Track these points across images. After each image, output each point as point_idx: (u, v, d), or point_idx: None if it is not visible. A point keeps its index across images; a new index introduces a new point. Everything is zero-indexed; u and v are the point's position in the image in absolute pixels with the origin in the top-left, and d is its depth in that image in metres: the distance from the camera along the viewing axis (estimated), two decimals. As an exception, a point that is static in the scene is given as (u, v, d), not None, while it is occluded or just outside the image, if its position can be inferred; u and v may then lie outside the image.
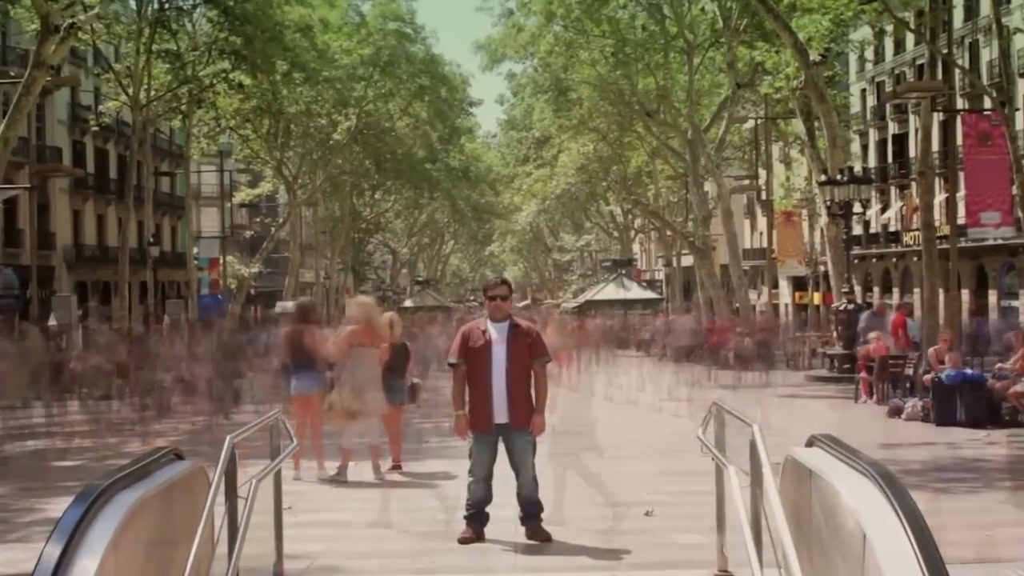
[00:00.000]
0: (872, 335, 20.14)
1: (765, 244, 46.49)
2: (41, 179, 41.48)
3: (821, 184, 26.91)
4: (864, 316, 23.06)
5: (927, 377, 16.80)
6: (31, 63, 22.43)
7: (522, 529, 8.23)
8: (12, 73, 34.80)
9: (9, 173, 36.90)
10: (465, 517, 8.26)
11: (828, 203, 26.37)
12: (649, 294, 54.92)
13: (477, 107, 77.24)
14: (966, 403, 15.90)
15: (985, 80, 39.71)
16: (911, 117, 47.85)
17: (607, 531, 8.50)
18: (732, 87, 34.73)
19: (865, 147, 55.48)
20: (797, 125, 35.22)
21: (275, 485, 7.09)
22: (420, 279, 74.80)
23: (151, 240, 40.61)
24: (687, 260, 51.14)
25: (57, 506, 7.82)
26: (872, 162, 53.54)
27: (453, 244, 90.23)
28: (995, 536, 8.33)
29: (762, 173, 44.29)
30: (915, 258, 42.16)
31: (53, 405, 20.72)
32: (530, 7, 38.55)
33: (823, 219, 32.31)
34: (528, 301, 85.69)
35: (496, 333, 8.21)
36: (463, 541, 8.10)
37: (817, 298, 51.61)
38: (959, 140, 27.79)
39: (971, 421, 15.63)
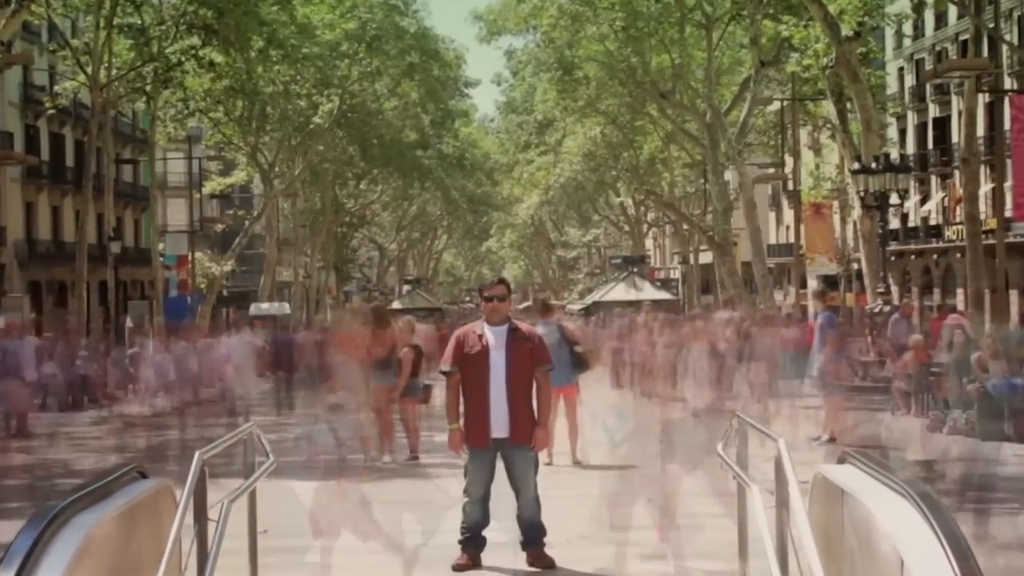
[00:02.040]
0: (915, 338, 20.15)
1: (792, 239, 46.49)
2: (-10, 167, 41.48)
3: (854, 173, 26.92)
4: (892, 321, 23.06)
5: (971, 387, 16.80)
6: (-21, 39, 22.43)
7: (523, 555, 8.24)
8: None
9: (-45, 161, 36.96)
10: (460, 541, 8.26)
11: (862, 194, 26.38)
12: (664, 294, 54.86)
13: (473, 88, 77.17)
14: (1015, 416, 15.89)
15: (1035, 57, 39.69)
16: (954, 98, 47.82)
17: (617, 557, 8.51)
18: (755, 65, 34.73)
19: (903, 132, 55.49)
20: (827, 107, 35.21)
21: (250, 506, 7.09)
22: (410, 278, 74.79)
23: (112, 235, 40.58)
24: (705, 257, 51.13)
25: (7, 530, 7.80)
26: (910, 148, 53.55)
27: (446, 239, 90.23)
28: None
29: (788, 161, 44.27)
30: (958, 255, 42.17)
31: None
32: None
33: (856, 212, 32.32)
34: (529, 303, 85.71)
35: (494, 338, 8.21)
36: (457, 568, 8.10)
37: (850, 299, 51.57)
38: (1007, 124, 27.81)
39: (1020, 435, 15.62)
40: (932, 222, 51.88)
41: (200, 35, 36.95)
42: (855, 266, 45.43)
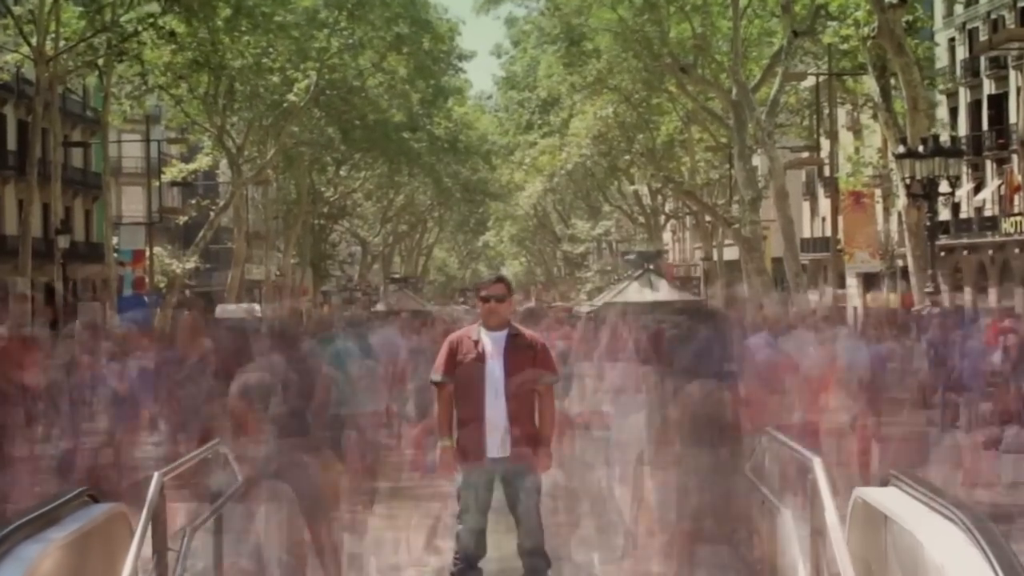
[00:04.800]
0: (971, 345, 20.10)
1: (829, 232, 46.52)
2: (-78, 151, 41.49)
3: (898, 157, 26.94)
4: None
5: (1031, 399, 16.79)
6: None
7: (524, 589, 8.25)
8: None
9: None
10: (452, 574, 8.27)
11: (907, 181, 26.39)
12: (683, 295, 54.86)
13: (468, 61, 77.42)
14: (1080, 431, 15.89)
15: (1104, 27, 39.73)
16: (1011, 73, 47.88)
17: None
18: (787, 36, 34.75)
19: (954, 111, 55.52)
20: (869, 83, 35.24)
21: (215, 534, 7.09)
22: (396, 276, 74.76)
23: (59, 227, 40.62)
24: (731, 253, 51.12)
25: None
26: (963, 130, 53.58)
27: (438, 233, 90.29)
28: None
29: (825, 144, 44.31)
30: (1016, 249, 42.23)
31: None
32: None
33: (901, 201, 32.34)
34: (532, 303, 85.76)
35: (491, 344, 8.20)
36: (451, 604, 8.11)
37: (894, 299, 51.64)
38: (1072, 102, 27.83)
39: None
40: (987, 213, 51.92)
41: (159, 1, 36.94)
42: (900, 263, 45.48)
